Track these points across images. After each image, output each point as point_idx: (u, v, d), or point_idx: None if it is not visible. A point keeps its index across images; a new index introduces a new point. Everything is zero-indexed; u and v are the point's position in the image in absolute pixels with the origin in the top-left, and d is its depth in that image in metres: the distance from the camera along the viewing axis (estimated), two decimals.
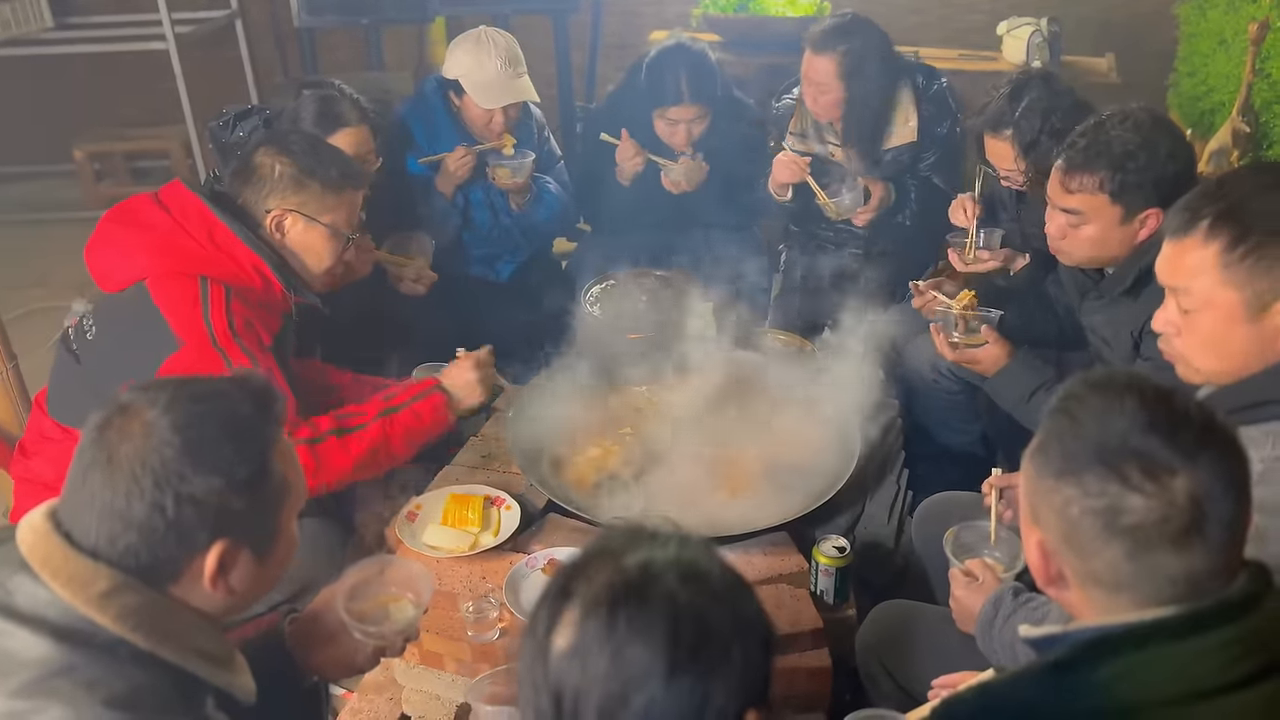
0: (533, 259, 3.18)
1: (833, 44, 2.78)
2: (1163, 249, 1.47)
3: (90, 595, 1.08)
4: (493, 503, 2.11)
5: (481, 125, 2.90)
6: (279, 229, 2.05)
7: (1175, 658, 0.98)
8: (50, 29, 4.77)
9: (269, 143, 2.09)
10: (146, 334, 1.92)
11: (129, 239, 1.99)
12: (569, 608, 0.91)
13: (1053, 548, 1.06)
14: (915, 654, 1.74)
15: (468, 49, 2.83)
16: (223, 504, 1.12)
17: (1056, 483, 1.03)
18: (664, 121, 2.98)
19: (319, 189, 2.05)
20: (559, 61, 4.22)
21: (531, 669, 0.92)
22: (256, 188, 2.04)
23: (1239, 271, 1.37)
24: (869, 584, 2.06)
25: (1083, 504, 1.01)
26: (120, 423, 1.12)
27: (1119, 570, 1.00)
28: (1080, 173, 1.98)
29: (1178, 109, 3.65)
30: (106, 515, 1.10)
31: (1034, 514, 1.08)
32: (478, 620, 1.82)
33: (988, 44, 4.26)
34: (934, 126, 2.92)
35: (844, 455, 2.13)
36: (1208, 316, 1.42)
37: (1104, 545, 1.00)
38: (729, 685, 0.89)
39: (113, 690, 1.05)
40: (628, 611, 0.89)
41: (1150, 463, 0.98)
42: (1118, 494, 0.98)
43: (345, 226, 2.11)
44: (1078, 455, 1.02)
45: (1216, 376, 1.47)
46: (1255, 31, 2.88)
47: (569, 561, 0.97)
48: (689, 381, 2.44)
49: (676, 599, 0.89)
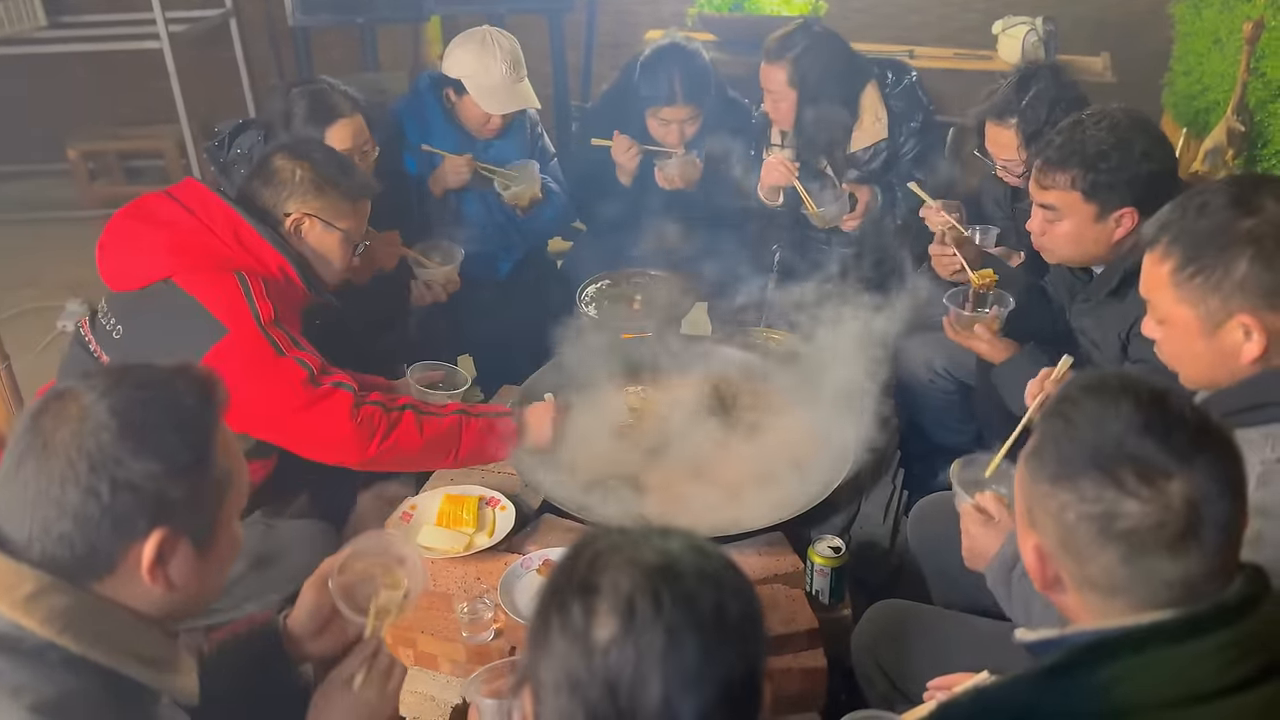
0: (528, 258, 3.18)
1: (782, 52, 2.82)
2: None
3: (15, 599, 1.04)
4: (488, 503, 2.11)
5: (478, 125, 2.89)
6: (297, 231, 2.09)
7: (1173, 661, 0.98)
8: (44, 28, 4.75)
9: (288, 148, 2.14)
10: (184, 325, 1.94)
11: (149, 236, 1.99)
12: (600, 600, 0.90)
13: (1049, 551, 1.06)
14: (911, 654, 1.74)
15: (473, 50, 2.82)
16: (161, 491, 1.08)
17: (1052, 487, 1.03)
18: (657, 121, 2.98)
19: (337, 196, 2.11)
20: (554, 60, 4.21)
21: (569, 667, 0.90)
22: (276, 190, 2.08)
23: (1191, 290, 1.40)
24: (864, 584, 2.06)
25: (1079, 509, 1.01)
26: (56, 408, 1.08)
27: (1115, 574, 1.00)
28: (1055, 170, 2.00)
29: (1173, 108, 3.65)
30: (40, 503, 1.06)
31: (1030, 517, 1.08)
32: (472, 621, 1.82)
33: (983, 43, 4.27)
34: (905, 121, 2.92)
35: (839, 455, 2.13)
36: (1171, 330, 1.46)
37: (1099, 550, 1.00)
38: (760, 650, 0.94)
39: (40, 696, 1.02)
40: (670, 590, 0.90)
41: (1145, 467, 0.98)
42: (1113, 499, 0.99)
43: (356, 235, 2.17)
44: (1073, 460, 1.02)
45: (1193, 384, 1.49)
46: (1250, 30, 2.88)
47: (567, 562, 0.96)
48: (684, 381, 2.43)
49: (706, 573, 0.92)
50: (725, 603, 0.92)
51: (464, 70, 2.83)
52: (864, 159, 2.95)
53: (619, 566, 0.92)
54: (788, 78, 2.83)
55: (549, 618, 0.93)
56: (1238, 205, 1.39)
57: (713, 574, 0.93)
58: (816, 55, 2.83)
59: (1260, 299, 1.36)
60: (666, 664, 0.88)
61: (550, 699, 0.91)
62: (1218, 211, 1.40)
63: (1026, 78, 2.42)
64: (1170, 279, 1.42)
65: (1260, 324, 1.36)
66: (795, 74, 2.82)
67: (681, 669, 0.88)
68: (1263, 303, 1.36)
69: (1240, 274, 1.36)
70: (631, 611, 0.89)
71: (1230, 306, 1.37)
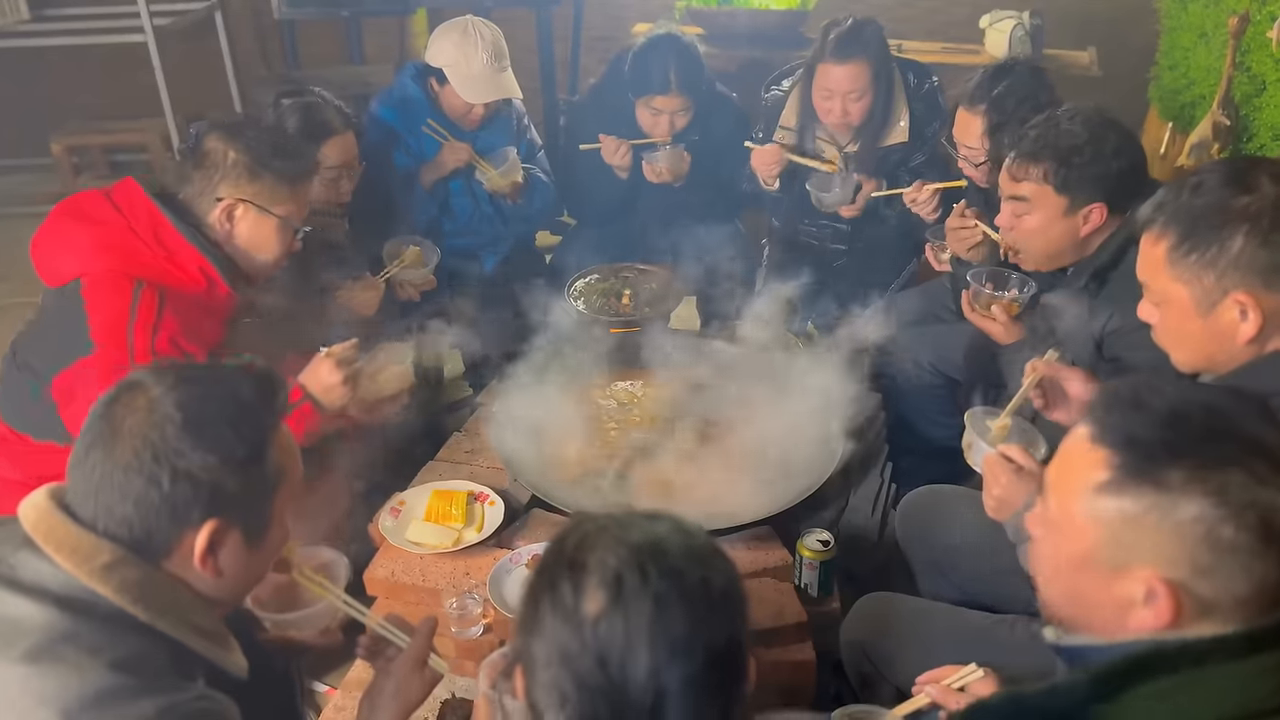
0: (516, 252, 3.17)
1: (858, 50, 2.76)
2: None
3: (93, 568, 1.12)
4: (476, 498, 2.11)
5: (460, 115, 2.89)
6: (229, 218, 1.97)
7: (1233, 677, 0.93)
8: (26, 20, 4.71)
9: (221, 129, 2.00)
10: (66, 333, 1.87)
11: (75, 233, 1.93)
12: (588, 577, 0.94)
13: (1179, 580, 0.94)
14: (899, 646, 1.75)
15: (454, 40, 2.82)
16: (217, 482, 1.15)
17: (1178, 506, 0.91)
18: (649, 111, 2.97)
19: (273, 180, 1.99)
20: (541, 54, 4.20)
21: (560, 642, 0.93)
22: (207, 174, 1.96)
23: (1185, 269, 1.40)
24: (853, 577, 2.06)
25: (1236, 521, 0.89)
26: (127, 398, 1.16)
27: (1269, 582, 0.91)
28: (1029, 162, 2.01)
29: (1158, 102, 3.67)
30: (105, 487, 1.13)
31: (1131, 554, 0.96)
32: (461, 616, 1.82)
33: (970, 37, 4.27)
34: (923, 127, 2.92)
35: (828, 449, 2.13)
36: (1168, 311, 1.46)
37: (1258, 559, 0.90)
38: (742, 623, 0.98)
39: (117, 654, 1.09)
40: (656, 564, 0.94)
41: (1276, 456, 0.90)
42: (1270, 498, 0.89)
43: (296, 218, 2.05)
44: (1198, 468, 0.91)
45: (1190, 367, 1.49)
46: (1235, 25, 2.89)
47: (556, 545, 1.00)
48: (673, 376, 2.43)
49: (690, 549, 0.97)
50: (708, 576, 0.96)
51: (445, 59, 2.82)
52: (876, 157, 2.94)
53: (606, 545, 0.96)
54: (870, 74, 2.78)
55: (539, 597, 0.96)
56: (1233, 184, 1.40)
57: (696, 550, 0.98)
58: (884, 48, 2.82)
59: (1256, 276, 1.36)
60: (654, 634, 0.91)
61: (543, 675, 0.94)
62: (1213, 190, 1.40)
63: (1003, 70, 2.44)
64: (1166, 257, 1.42)
65: (1256, 302, 1.36)
66: (873, 70, 2.79)
67: (669, 639, 0.91)
68: (1258, 280, 1.36)
69: (1235, 251, 1.36)
70: (619, 585, 0.92)
71: (1225, 284, 1.37)
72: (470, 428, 2.43)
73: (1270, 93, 2.80)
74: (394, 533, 2.02)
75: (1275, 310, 1.37)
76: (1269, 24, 2.74)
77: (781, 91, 3.04)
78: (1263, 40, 2.81)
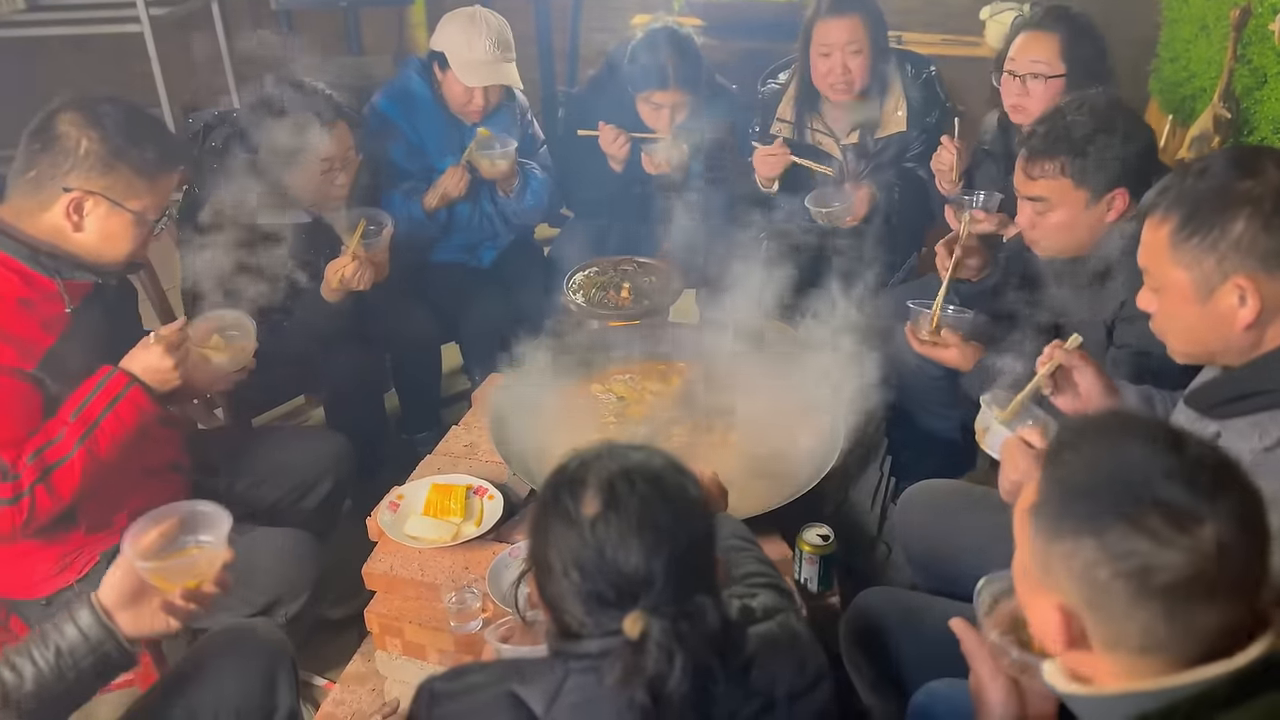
0: (515, 245, 3.16)
1: (853, 5, 2.74)
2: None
3: None
4: (475, 492, 2.10)
5: (461, 103, 2.88)
6: (77, 211, 1.80)
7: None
8: (23, 10, 4.68)
9: (78, 108, 1.81)
10: None
11: None
12: (586, 489, 1.14)
13: (1074, 610, 0.98)
14: (899, 641, 1.74)
15: (460, 25, 2.82)
16: None
17: (1074, 544, 0.95)
18: (648, 105, 2.96)
19: (129, 173, 1.81)
20: (540, 45, 4.19)
21: (566, 543, 1.12)
22: (56, 160, 1.78)
23: (1186, 252, 1.39)
24: (853, 571, 2.07)
25: (1112, 567, 0.92)
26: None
27: (1155, 632, 0.93)
28: (1042, 159, 1.99)
29: (1159, 95, 3.65)
30: None
31: (1046, 576, 0.99)
32: (460, 611, 1.82)
33: (971, 29, 4.26)
34: (923, 116, 2.90)
35: (827, 443, 2.13)
36: (1167, 297, 1.45)
37: (1137, 608, 0.92)
38: (710, 525, 1.21)
39: None
40: (641, 475, 1.15)
41: (1176, 513, 0.91)
42: (1149, 551, 0.91)
43: (154, 212, 1.88)
44: (1092, 511, 0.94)
45: (1186, 357, 1.50)
46: (1237, 17, 2.88)
47: (558, 471, 1.20)
48: (671, 369, 2.43)
49: (669, 464, 1.20)
50: (684, 484, 1.19)
51: (449, 44, 2.82)
52: (875, 149, 2.93)
53: (600, 466, 1.17)
54: (864, 28, 2.75)
55: (546, 512, 1.16)
56: (1238, 168, 1.39)
57: (673, 465, 1.20)
58: (878, 11, 2.81)
59: (1256, 260, 1.35)
60: (642, 528, 1.11)
61: (554, 571, 1.13)
62: (1217, 174, 1.40)
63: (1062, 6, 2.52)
64: (1168, 241, 1.41)
65: (1255, 287, 1.35)
66: (869, 25, 2.77)
67: (654, 531, 1.12)
68: (1259, 265, 1.35)
69: (1237, 233, 1.35)
70: (612, 490, 1.13)
71: (1225, 268, 1.37)
72: (469, 421, 2.42)
73: (1271, 85, 2.78)
74: (392, 527, 2.01)
75: (1273, 296, 1.36)
76: (1270, 16, 2.73)
77: (778, 85, 3.03)
78: (1264, 33, 2.80)
